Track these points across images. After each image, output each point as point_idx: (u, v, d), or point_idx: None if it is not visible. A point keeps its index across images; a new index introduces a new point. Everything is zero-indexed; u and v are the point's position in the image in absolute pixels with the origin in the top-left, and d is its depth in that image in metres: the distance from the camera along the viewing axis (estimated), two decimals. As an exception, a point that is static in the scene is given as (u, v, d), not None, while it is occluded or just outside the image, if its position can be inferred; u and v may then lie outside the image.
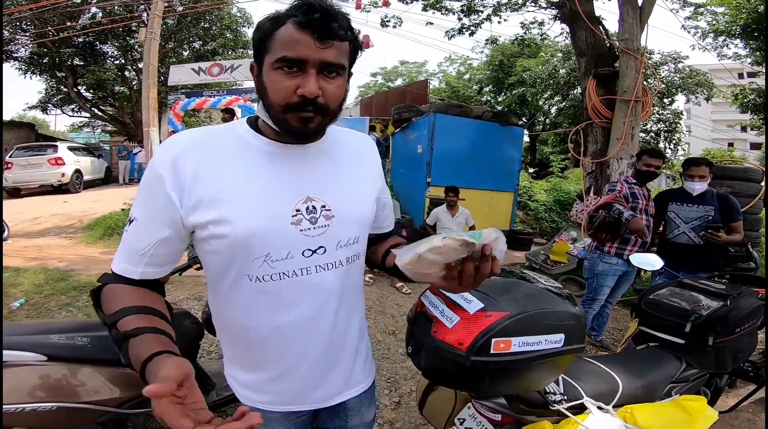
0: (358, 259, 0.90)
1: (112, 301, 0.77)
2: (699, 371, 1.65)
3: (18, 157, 10.38)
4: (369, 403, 1.04)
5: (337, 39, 0.72)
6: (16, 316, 3.56)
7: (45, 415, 1.39)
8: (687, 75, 14.10)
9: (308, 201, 0.80)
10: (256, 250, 0.77)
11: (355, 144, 0.95)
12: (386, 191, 1.01)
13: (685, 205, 3.11)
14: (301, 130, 0.77)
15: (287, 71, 0.72)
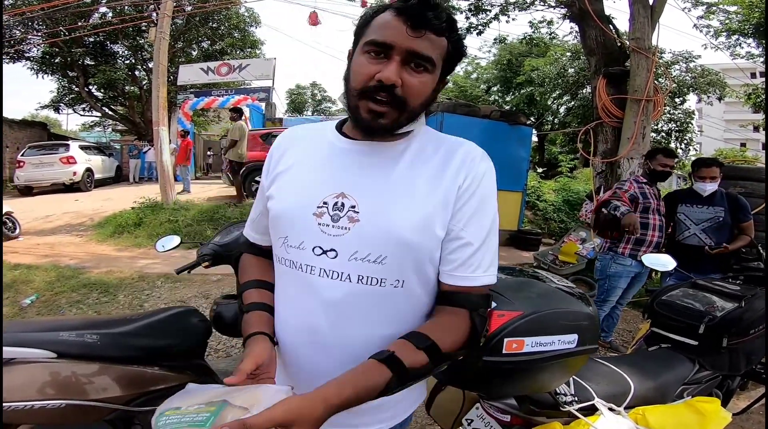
0: (380, 287, 0.72)
1: (243, 272, 0.93)
2: (712, 373, 1.63)
3: (30, 155, 10.55)
4: None
5: (430, 29, 0.67)
6: (27, 313, 3.61)
7: (54, 413, 1.39)
8: (699, 74, 13.92)
9: (340, 196, 0.73)
10: (280, 230, 0.78)
11: (446, 151, 0.78)
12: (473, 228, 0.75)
13: (695, 207, 3.06)
14: (370, 123, 0.71)
15: (373, 57, 0.69)
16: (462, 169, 0.75)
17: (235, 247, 2.11)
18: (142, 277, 4.53)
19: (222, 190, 9.79)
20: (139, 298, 3.99)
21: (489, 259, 0.76)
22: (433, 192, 0.74)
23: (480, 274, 0.74)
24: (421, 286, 0.76)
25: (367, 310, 0.74)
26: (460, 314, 0.74)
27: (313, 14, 9.07)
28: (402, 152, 0.77)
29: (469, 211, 0.74)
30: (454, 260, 0.74)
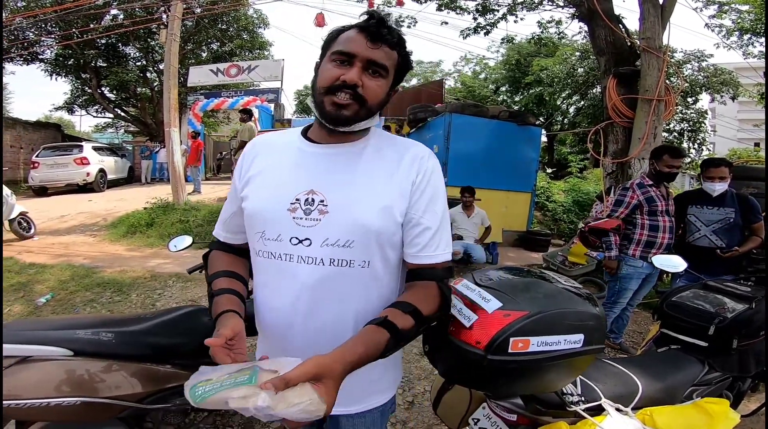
0: (349, 267, 0.85)
1: (212, 265, 1.01)
2: (722, 374, 1.62)
3: (45, 156, 10.73)
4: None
5: (384, 43, 0.84)
6: (42, 311, 3.68)
7: (69, 410, 1.41)
8: (711, 74, 13.70)
9: (310, 193, 0.86)
10: (256, 225, 0.90)
11: (397, 150, 0.93)
12: (429, 214, 0.89)
13: (705, 208, 3.02)
14: (335, 114, 0.84)
15: (338, 64, 0.84)
16: (413, 166, 0.90)
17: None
18: (154, 277, 4.60)
19: (232, 191, 9.90)
20: (151, 297, 4.05)
21: (446, 240, 0.91)
22: (390, 185, 0.88)
23: (440, 253, 0.90)
24: (384, 265, 0.90)
25: (340, 289, 0.86)
26: (430, 286, 0.89)
27: (319, 15, 9.10)
28: (361, 151, 0.91)
29: (425, 201, 0.89)
30: (418, 244, 0.89)
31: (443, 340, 0.98)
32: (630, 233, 3.09)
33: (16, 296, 3.93)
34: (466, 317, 0.94)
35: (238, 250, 1.03)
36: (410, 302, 0.83)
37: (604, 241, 3.09)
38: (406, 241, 0.90)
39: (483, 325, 0.92)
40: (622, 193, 3.13)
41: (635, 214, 3.06)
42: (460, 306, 0.98)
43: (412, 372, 2.85)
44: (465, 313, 0.95)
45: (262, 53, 16.77)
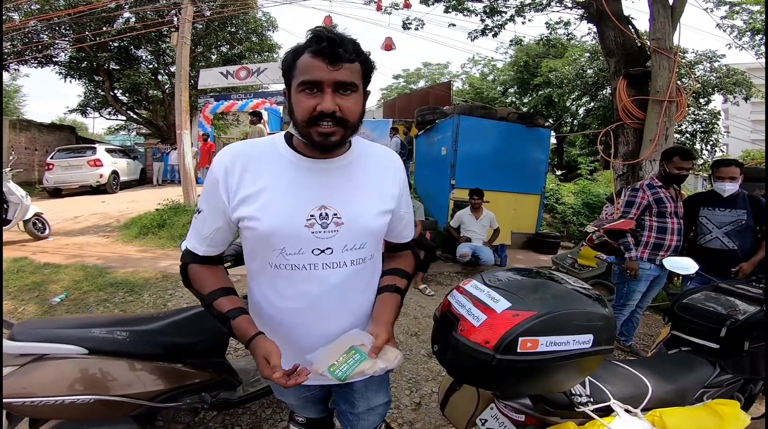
0: (363, 263, 1.04)
1: (203, 283, 1.05)
2: (733, 376, 1.61)
3: (59, 158, 10.91)
4: (376, 389, 1.20)
5: (345, 62, 0.86)
6: (57, 311, 3.74)
7: (82, 408, 1.43)
8: (724, 74, 13.50)
9: (322, 208, 0.96)
10: (275, 244, 0.96)
11: (379, 160, 1.08)
12: (406, 206, 1.14)
13: (717, 210, 2.99)
14: (323, 143, 0.91)
15: (308, 93, 0.88)
16: (396, 173, 1.10)
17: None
18: (166, 277, 4.66)
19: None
20: (163, 297, 4.11)
21: (412, 222, 1.21)
22: (382, 193, 1.06)
23: (411, 233, 1.21)
24: (378, 255, 1.12)
25: (357, 282, 1.05)
26: (408, 254, 1.22)
27: (327, 18, 9.16)
28: (350, 163, 1.01)
29: (405, 198, 1.13)
30: (402, 229, 1.17)
31: (452, 340, 0.99)
32: (638, 235, 3.07)
33: (30, 296, 4.00)
34: (475, 317, 0.95)
35: (216, 259, 1.09)
36: (403, 268, 1.16)
37: (621, 242, 3.04)
38: (396, 229, 1.15)
39: (492, 325, 0.93)
40: (632, 194, 3.11)
41: (644, 215, 3.05)
42: (470, 306, 0.99)
43: (420, 373, 2.85)
44: (474, 313, 0.96)
45: (271, 56, 16.88)
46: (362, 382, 1.14)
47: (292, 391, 1.18)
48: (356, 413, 1.18)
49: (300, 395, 1.22)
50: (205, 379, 1.82)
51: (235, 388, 1.96)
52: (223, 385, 1.91)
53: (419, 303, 4.25)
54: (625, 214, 3.08)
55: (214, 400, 1.81)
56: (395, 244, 1.20)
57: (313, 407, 1.29)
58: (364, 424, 1.19)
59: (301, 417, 1.31)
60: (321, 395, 1.25)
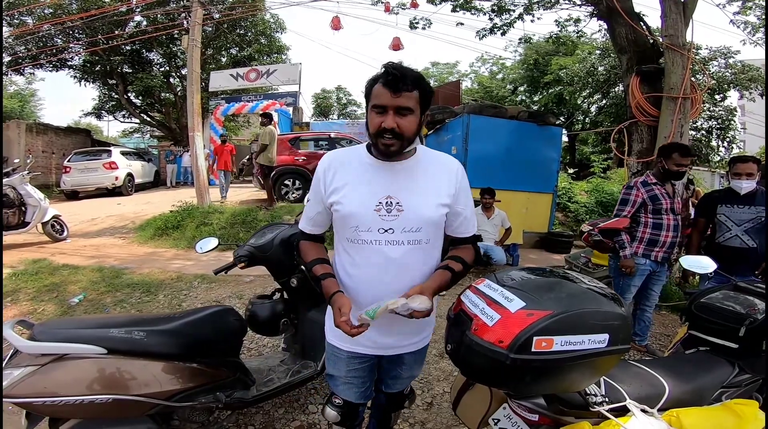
0: (419, 244, 1.27)
1: (306, 254, 1.40)
2: (752, 376, 1.57)
3: (76, 161, 11.13)
4: (420, 361, 1.55)
5: (404, 91, 1.14)
6: (75, 311, 3.81)
7: (101, 407, 1.44)
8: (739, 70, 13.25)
9: (388, 198, 1.24)
10: (351, 223, 1.26)
11: (440, 164, 1.34)
12: (463, 205, 1.34)
13: (735, 207, 2.94)
14: (385, 151, 1.21)
15: (377, 113, 1.18)
16: (454, 175, 1.32)
17: (270, 249, 2.19)
18: (180, 278, 4.73)
19: (253, 194, 10.04)
20: (178, 297, 4.17)
21: (474, 221, 1.40)
22: (440, 190, 1.29)
23: (473, 229, 1.39)
24: (435, 241, 1.33)
25: (412, 259, 1.28)
26: (469, 247, 1.40)
27: (335, 19, 9.18)
28: (415, 167, 1.30)
29: (463, 197, 1.34)
30: (461, 224, 1.36)
31: (465, 340, 0.98)
32: (633, 231, 3.07)
33: (50, 296, 4.08)
34: (488, 316, 0.95)
35: (319, 238, 1.44)
36: (460, 256, 1.34)
37: (616, 240, 3.06)
38: (453, 224, 1.35)
39: (506, 325, 0.92)
40: (626, 192, 3.10)
41: (639, 212, 3.04)
42: (483, 305, 0.99)
43: (431, 373, 2.85)
44: (488, 313, 0.96)
45: (280, 57, 17.02)
46: (411, 357, 1.46)
47: (345, 362, 1.41)
48: (399, 378, 1.53)
49: (351, 366, 1.42)
50: (219, 378, 1.84)
51: (248, 387, 1.98)
52: (237, 384, 1.92)
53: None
54: (620, 213, 3.08)
55: (228, 400, 1.83)
56: (456, 239, 1.39)
57: (356, 387, 1.46)
58: (399, 386, 1.56)
59: (338, 399, 1.49)
60: (368, 370, 1.46)
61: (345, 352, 1.40)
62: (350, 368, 1.42)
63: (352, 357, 1.40)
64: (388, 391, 1.57)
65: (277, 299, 2.32)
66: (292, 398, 2.48)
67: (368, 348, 1.36)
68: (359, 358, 1.40)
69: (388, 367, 1.51)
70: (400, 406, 1.65)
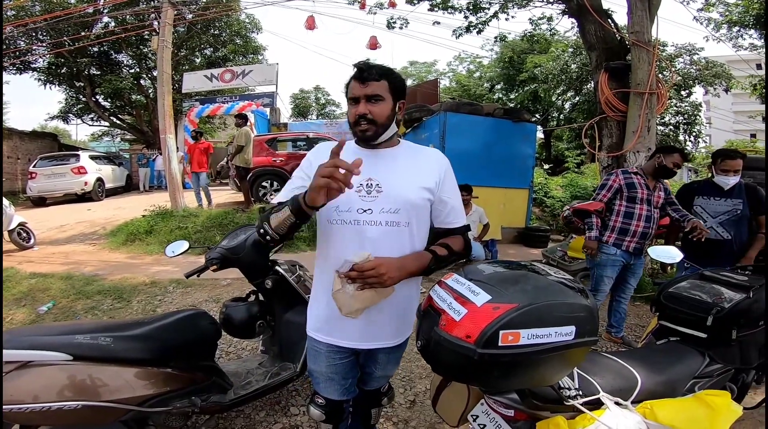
0: (397, 226, 1.28)
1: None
2: (723, 366, 1.58)
3: (42, 166, 10.72)
4: (395, 361, 1.53)
5: (371, 81, 1.24)
6: (44, 319, 3.68)
7: (70, 414, 1.43)
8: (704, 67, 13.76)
9: (369, 180, 1.28)
10: (332, 202, 1.14)
11: (425, 154, 1.40)
12: (449, 193, 1.37)
13: (712, 199, 2.99)
14: (363, 137, 1.29)
15: (352, 104, 1.28)
16: (439, 164, 1.38)
17: (242, 251, 2.15)
18: (155, 283, 4.60)
19: (230, 196, 9.85)
20: (152, 303, 4.05)
21: (462, 211, 1.42)
22: (423, 174, 1.33)
23: (461, 219, 1.41)
24: (417, 226, 1.33)
25: (391, 241, 1.28)
26: (458, 237, 1.39)
27: (310, 18, 9.12)
28: (398, 154, 1.36)
29: (448, 187, 1.37)
30: (449, 213, 1.38)
31: (434, 335, 0.97)
32: (606, 220, 3.13)
33: (18, 305, 3.92)
34: (456, 311, 0.94)
35: None
36: (446, 242, 1.34)
37: (586, 222, 3.12)
38: (442, 214, 1.37)
39: (473, 319, 0.91)
40: (606, 178, 3.18)
41: (614, 199, 3.09)
42: (450, 300, 0.98)
43: (413, 371, 2.85)
44: (455, 307, 0.95)
45: (256, 58, 16.77)
46: (385, 356, 1.46)
47: (325, 356, 1.40)
48: (374, 377, 1.53)
49: (331, 362, 1.40)
50: (194, 382, 1.81)
51: (226, 391, 1.96)
52: (214, 388, 1.90)
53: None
54: (596, 196, 3.15)
55: (204, 404, 1.81)
56: (444, 230, 1.40)
57: (337, 384, 1.45)
58: (376, 385, 1.57)
59: (321, 398, 1.48)
60: (349, 366, 1.44)
61: (324, 345, 1.39)
62: (330, 363, 1.41)
63: (332, 351, 1.39)
64: (364, 388, 1.58)
65: (252, 301, 2.28)
66: (273, 401, 2.45)
67: (346, 339, 1.36)
68: (339, 352, 1.39)
69: (363, 362, 1.50)
70: (377, 403, 1.64)
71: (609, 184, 3.09)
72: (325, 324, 1.37)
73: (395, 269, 1.19)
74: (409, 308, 1.40)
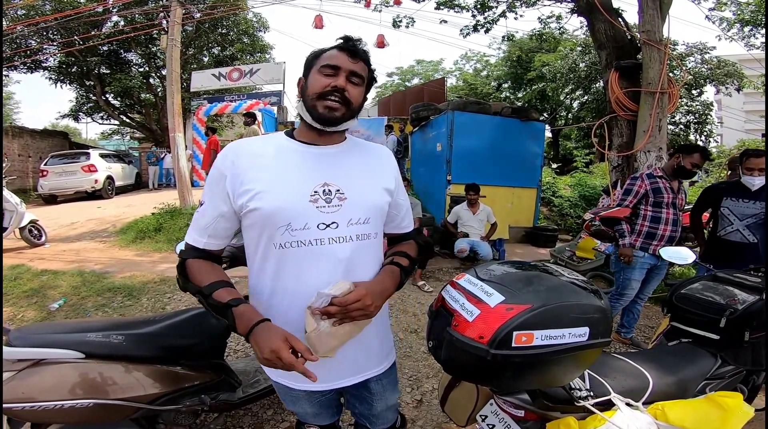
0: (368, 239, 1.09)
1: (200, 276, 1.04)
2: (735, 368, 1.58)
3: (53, 164, 10.83)
4: (392, 387, 1.28)
5: (361, 60, 1.05)
6: (55, 316, 3.73)
7: (82, 412, 1.44)
8: (715, 65, 13.57)
9: (325, 185, 1.03)
10: (280, 220, 1.00)
11: (373, 151, 1.19)
12: (403, 195, 1.23)
13: (740, 201, 2.91)
14: (327, 116, 1.02)
15: (327, 74, 1.02)
16: (390, 162, 1.21)
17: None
18: (164, 281, 4.64)
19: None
20: (161, 300, 4.09)
21: (411, 214, 1.30)
22: (382, 175, 1.15)
23: (410, 223, 1.29)
24: (381, 234, 1.17)
25: (363, 258, 1.08)
26: (411, 242, 1.27)
27: (318, 17, 9.13)
28: (348, 151, 1.12)
29: (401, 188, 1.22)
30: (401, 220, 1.25)
31: (446, 336, 0.97)
32: (632, 224, 3.08)
33: (29, 302, 3.98)
34: (468, 312, 0.94)
35: (215, 256, 1.11)
36: (404, 250, 1.20)
37: (616, 229, 3.06)
38: (396, 219, 1.23)
39: (486, 320, 0.91)
40: (631, 182, 3.12)
41: (640, 204, 3.05)
42: (463, 300, 0.98)
43: (420, 370, 2.85)
44: (468, 308, 0.95)
45: (263, 56, 16.82)
46: (379, 385, 1.22)
47: (307, 398, 1.20)
48: (376, 413, 1.26)
49: (315, 400, 1.22)
50: (204, 380, 1.82)
51: (234, 389, 1.96)
52: (223, 386, 1.91)
53: (418, 300, 4.24)
54: (622, 202, 3.09)
55: (213, 402, 1.81)
56: (397, 235, 1.28)
57: (327, 412, 1.28)
58: (383, 422, 1.30)
59: (312, 426, 1.30)
60: (335, 397, 1.28)
61: (303, 392, 1.17)
62: (314, 402, 1.23)
63: (311, 394, 1.19)
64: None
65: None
66: (281, 399, 2.46)
67: (330, 381, 1.13)
68: (320, 392, 1.19)
69: (354, 400, 1.27)
70: None
71: (635, 190, 3.04)
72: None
73: (379, 296, 1.02)
74: (387, 325, 1.26)
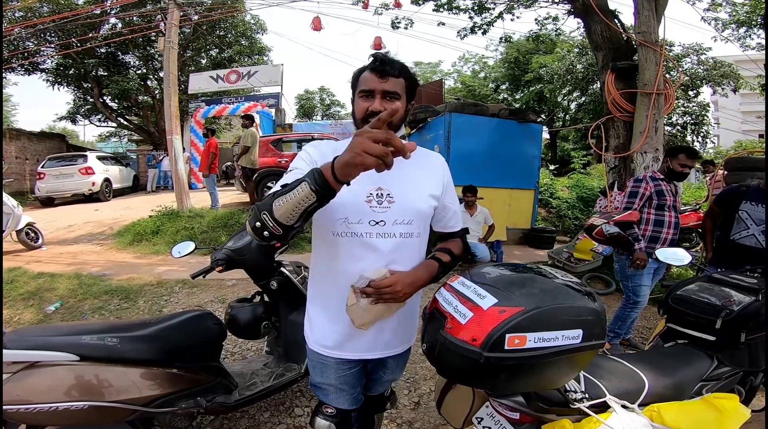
0: (410, 238, 1.24)
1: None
2: (731, 369, 1.58)
3: (50, 167, 10.79)
4: (402, 366, 1.53)
5: (390, 76, 1.16)
6: (52, 319, 3.72)
7: (77, 414, 1.44)
8: (711, 66, 13.63)
9: (379, 189, 1.20)
10: (340, 214, 1.18)
11: (428, 159, 1.34)
12: (451, 198, 1.37)
13: (760, 206, 2.81)
14: None
15: (365, 98, 1.18)
16: (442, 170, 1.35)
17: (247, 252, 2.16)
18: (161, 283, 4.63)
19: (236, 197, 9.89)
20: (158, 303, 4.08)
21: (460, 215, 1.43)
22: (429, 182, 1.29)
23: (460, 223, 1.43)
24: (425, 234, 1.31)
25: (404, 254, 1.24)
26: (457, 240, 1.41)
27: (316, 19, 9.14)
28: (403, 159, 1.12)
29: (450, 192, 1.37)
30: (451, 218, 1.39)
31: (440, 339, 0.97)
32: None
33: (26, 305, 3.96)
34: (461, 314, 0.94)
35: None
36: (448, 247, 1.35)
37: (629, 233, 2.97)
38: (444, 219, 1.38)
39: (479, 322, 0.91)
40: (635, 184, 3.08)
41: (643, 207, 3.03)
42: (456, 303, 0.97)
43: (418, 372, 2.85)
44: (461, 311, 0.94)
45: (261, 58, 16.83)
46: (394, 362, 1.45)
47: (334, 369, 1.33)
48: (380, 383, 1.51)
49: (342, 373, 1.35)
50: (200, 383, 1.82)
51: (231, 391, 1.97)
52: (219, 389, 1.91)
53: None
54: (630, 206, 3.05)
55: (209, 404, 1.81)
56: (445, 234, 1.41)
57: (348, 394, 1.39)
58: (381, 387, 1.54)
59: (331, 408, 1.40)
60: (358, 375, 1.40)
61: (333, 359, 1.32)
62: (339, 375, 1.34)
63: (341, 363, 1.33)
64: (368, 394, 1.53)
65: (257, 302, 2.29)
66: (278, 401, 2.46)
67: (357, 352, 1.31)
68: (349, 363, 1.33)
69: (371, 369, 1.47)
70: (381, 409, 1.63)
71: (641, 193, 3.01)
72: (335, 340, 1.29)
73: (409, 285, 1.18)
74: (414, 313, 1.40)
